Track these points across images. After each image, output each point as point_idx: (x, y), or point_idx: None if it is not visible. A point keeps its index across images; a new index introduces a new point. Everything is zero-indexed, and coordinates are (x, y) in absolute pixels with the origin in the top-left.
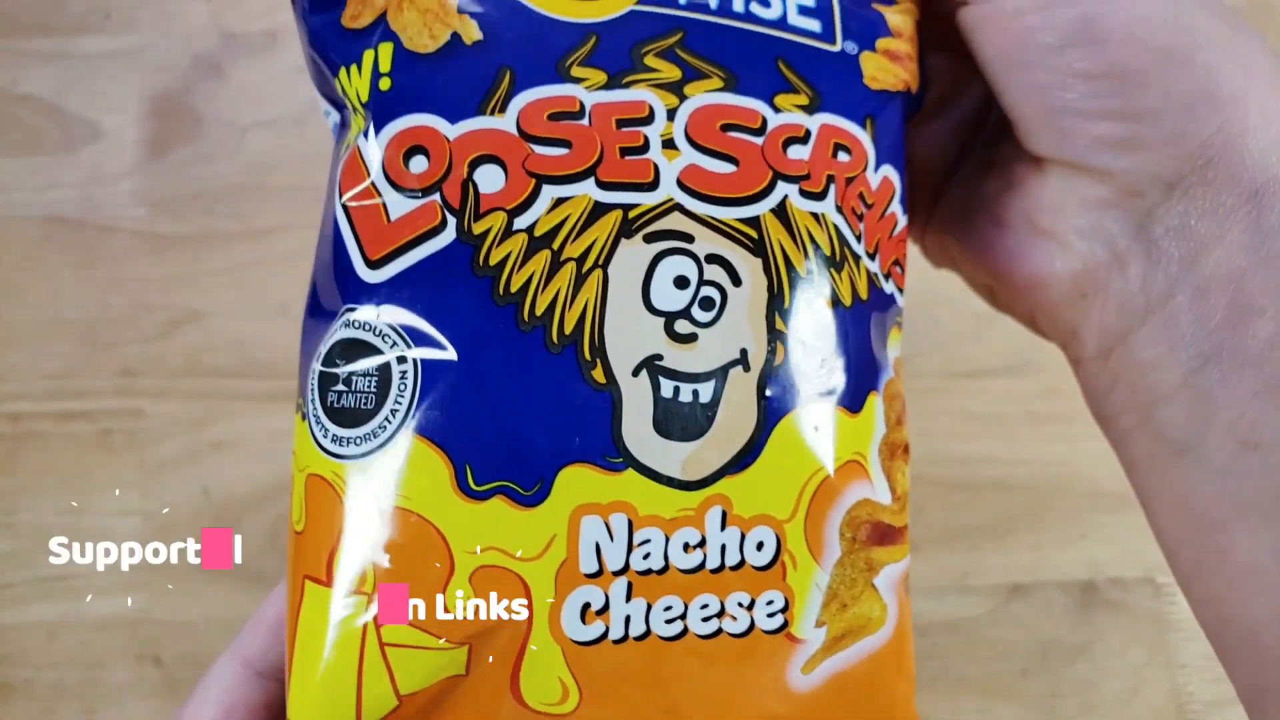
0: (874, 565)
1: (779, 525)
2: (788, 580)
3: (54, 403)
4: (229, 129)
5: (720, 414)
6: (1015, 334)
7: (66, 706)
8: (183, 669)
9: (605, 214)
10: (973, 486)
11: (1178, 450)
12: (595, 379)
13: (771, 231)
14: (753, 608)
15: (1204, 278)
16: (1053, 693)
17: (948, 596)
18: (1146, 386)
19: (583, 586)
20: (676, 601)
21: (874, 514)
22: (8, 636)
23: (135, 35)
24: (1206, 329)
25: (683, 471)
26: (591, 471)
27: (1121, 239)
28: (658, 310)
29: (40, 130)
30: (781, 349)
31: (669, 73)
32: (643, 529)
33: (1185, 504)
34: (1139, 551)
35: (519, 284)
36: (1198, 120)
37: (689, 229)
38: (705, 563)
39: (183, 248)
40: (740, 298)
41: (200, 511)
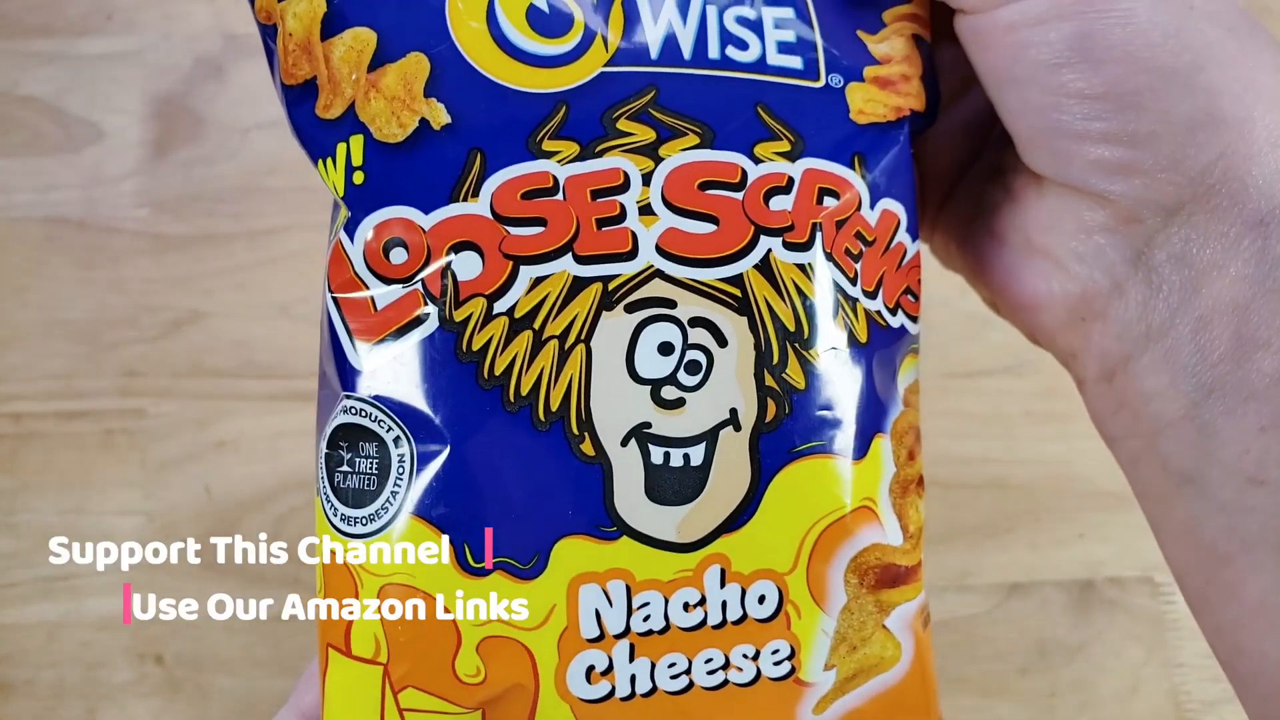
0: (884, 607)
1: (780, 578)
2: (793, 629)
3: (56, 403)
4: (230, 130)
5: (713, 475)
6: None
7: (68, 706)
8: (184, 668)
9: (585, 288)
10: (971, 486)
11: (1182, 481)
12: (584, 452)
13: (756, 288)
14: (758, 658)
15: (1206, 308)
16: (1051, 691)
17: (946, 595)
18: (1149, 415)
19: (585, 651)
20: (680, 658)
21: (883, 557)
22: (9, 636)
23: (137, 37)
24: (1209, 361)
25: (678, 535)
26: (586, 542)
27: (1120, 265)
28: (643, 379)
29: (42, 131)
30: (773, 405)
31: (643, 135)
32: (641, 593)
33: (1192, 535)
34: (1137, 551)
35: (503, 366)
36: (1199, 145)
37: (671, 294)
38: (707, 620)
39: (184, 248)
40: (727, 358)
41: (202, 511)
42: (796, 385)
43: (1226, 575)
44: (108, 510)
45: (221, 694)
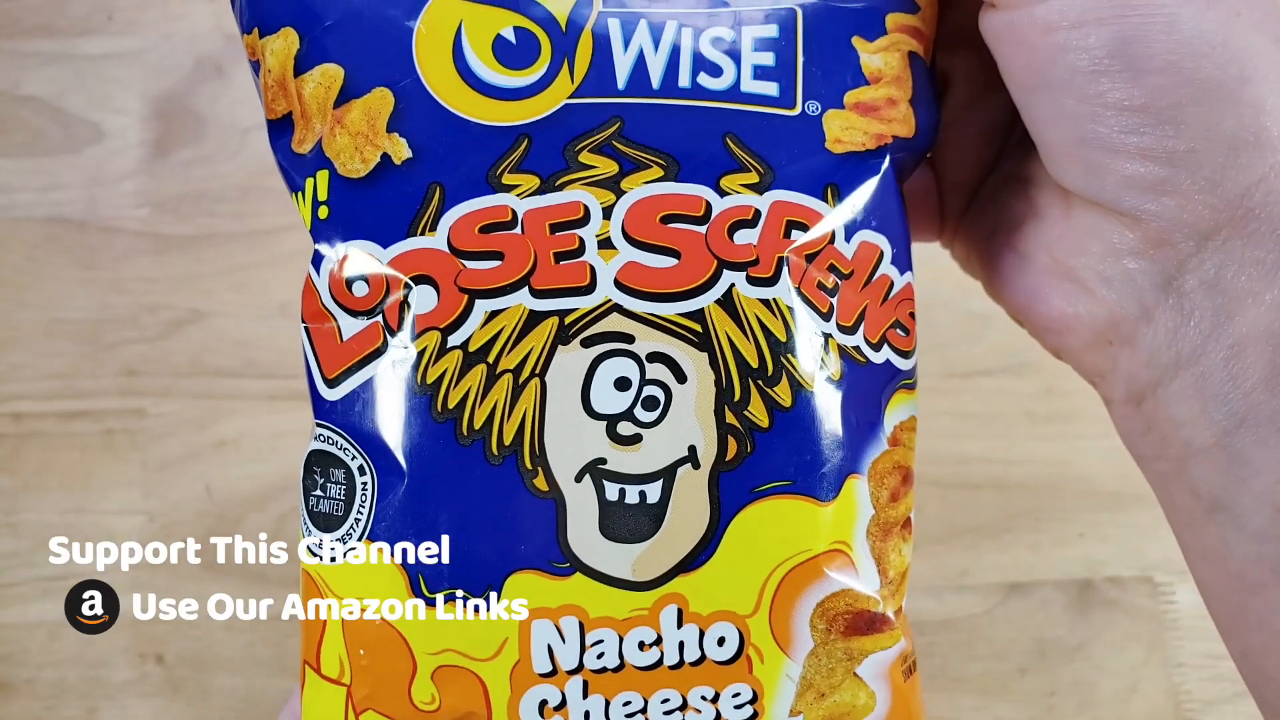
0: (856, 654)
1: (740, 620)
2: (755, 673)
3: (56, 402)
4: (231, 130)
5: (670, 514)
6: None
7: (68, 705)
8: (184, 668)
9: (540, 322)
10: (970, 486)
11: (1212, 508)
12: (537, 487)
13: (717, 323)
14: (718, 700)
15: (1239, 336)
16: (1050, 691)
17: (946, 595)
18: (1179, 441)
19: (537, 685)
20: (635, 697)
21: (855, 604)
22: (10, 635)
23: (138, 37)
24: (1242, 390)
25: (633, 573)
26: (539, 577)
27: (1149, 291)
28: (599, 414)
29: (43, 131)
30: (734, 443)
31: (605, 168)
32: (594, 630)
33: (1221, 560)
34: (1136, 550)
35: (456, 400)
36: (1239, 166)
37: (629, 329)
38: (663, 660)
39: (185, 248)
40: (686, 394)
41: (202, 511)
42: (759, 424)
43: (1256, 603)
44: (108, 510)
45: (222, 693)
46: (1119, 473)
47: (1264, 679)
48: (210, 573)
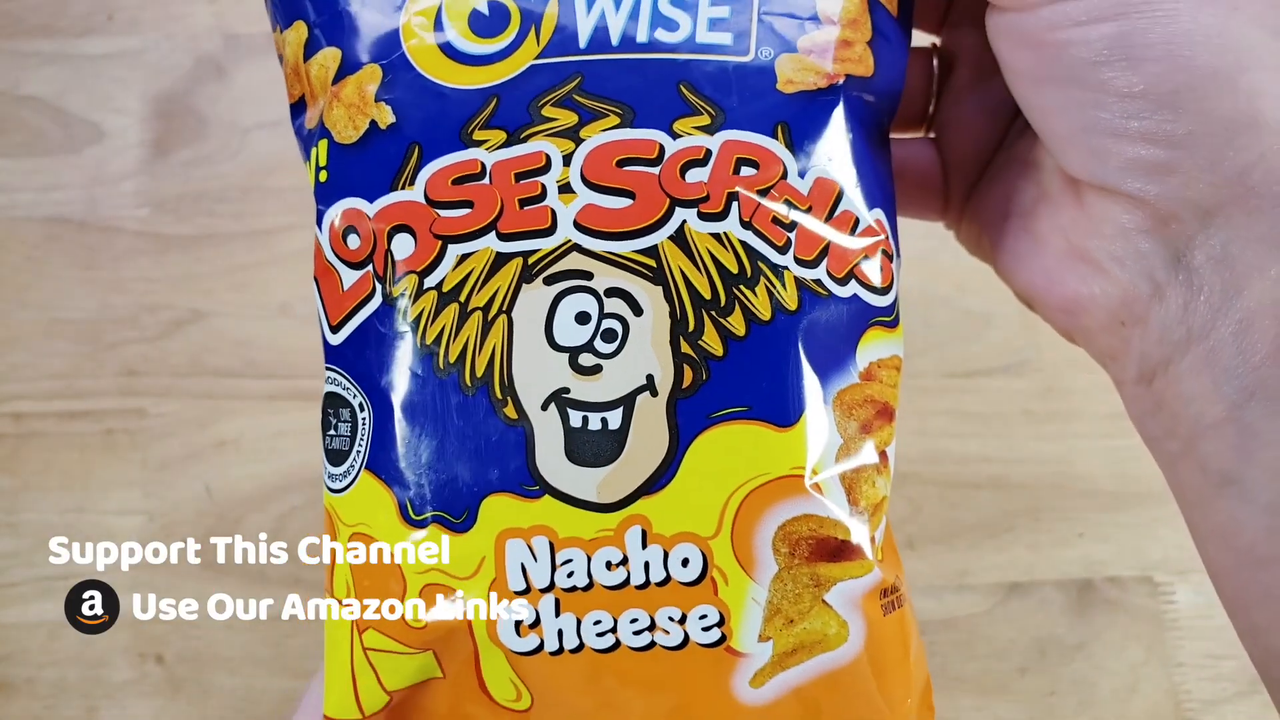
0: (821, 581)
1: (703, 542)
2: (720, 595)
3: (57, 402)
4: (231, 130)
5: (631, 439)
6: (1012, 334)
7: (68, 705)
8: (184, 667)
9: (506, 263)
10: (970, 485)
11: (1222, 483)
12: (508, 415)
13: (670, 258)
14: (685, 621)
15: (1248, 310)
16: (1050, 691)
17: (945, 595)
18: (1189, 417)
19: (515, 602)
20: (605, 616)
21: (818, 529)
22: (10, 635)
23: (138, 37)
24: (1251, 364)
25: (598, 495)
26: (511, 500)
27: (1160, 268)
28: (561, 346)
29: (43, 131)
30: (690, 372)
31: (565, 120)
32: (564, 549)
33: (1231, 537)
34: (1136, 550)
35: (433, 336)
36: (1237, 147)
37: (588, 267)
38: (630, 579)
39: (185, 248)
40: (643, 326)
41: (202, 511)
42: (714, 352)
43: (1265, 578)
44: (108, 510)
45: (222, 693)
46: (1119, 473)
47: (1271, 655)
48: (210, 573)
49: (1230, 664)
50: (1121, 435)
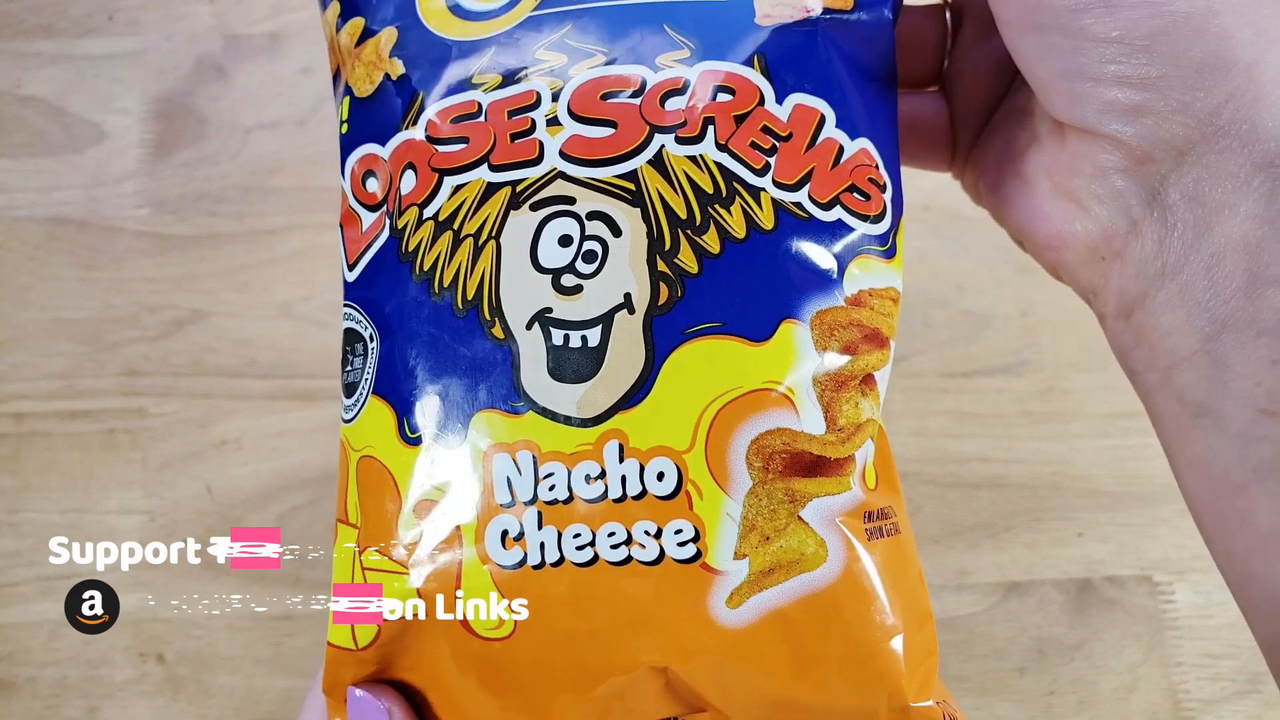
0: (796, 497)
1: (678, 456)
2: (695, 510)
3: (58, 402)
4: (232, 130)
5: (609, 355)
6: (1011, 333)
7: (69, 704)
8: (185, 666)
9: (496, 192)
10: (969, 485)
11: (1197, 413)
12: (495, 335)
13: (649, 182)
14: (660, 536)
15: (1218, 245)
16: (1049, 690)
17: (945, 594)
18: (1165, 350)
19: (499, 515)
20: (585, 530)
21: (791, 443)
22: (11, 635)
23: (139, 37)
24: (1221, 297)
25: (578, 410)
26: (498, 416)
27: (1136, 206)
28: (545, 268)
29: (44, 132)
30: (665, 289)
31: (556, 61)
32: (546, 463)
33: (1206, 465)
34: (1135, 550)
35: (429, 263)
36: (1207, 88)
37: (571, 192)
38: (608, 493)
39: (186, 248)
40: (621, 247)
41: (203, 511)
42: (689, 270)
43: (1239, 503)
44: (109, 509)
45: (223, 692)
46: (1118, 472)
47: (1247, 578)
48: (210, 572)
49: (1229, 663)
50: (1121, 435)
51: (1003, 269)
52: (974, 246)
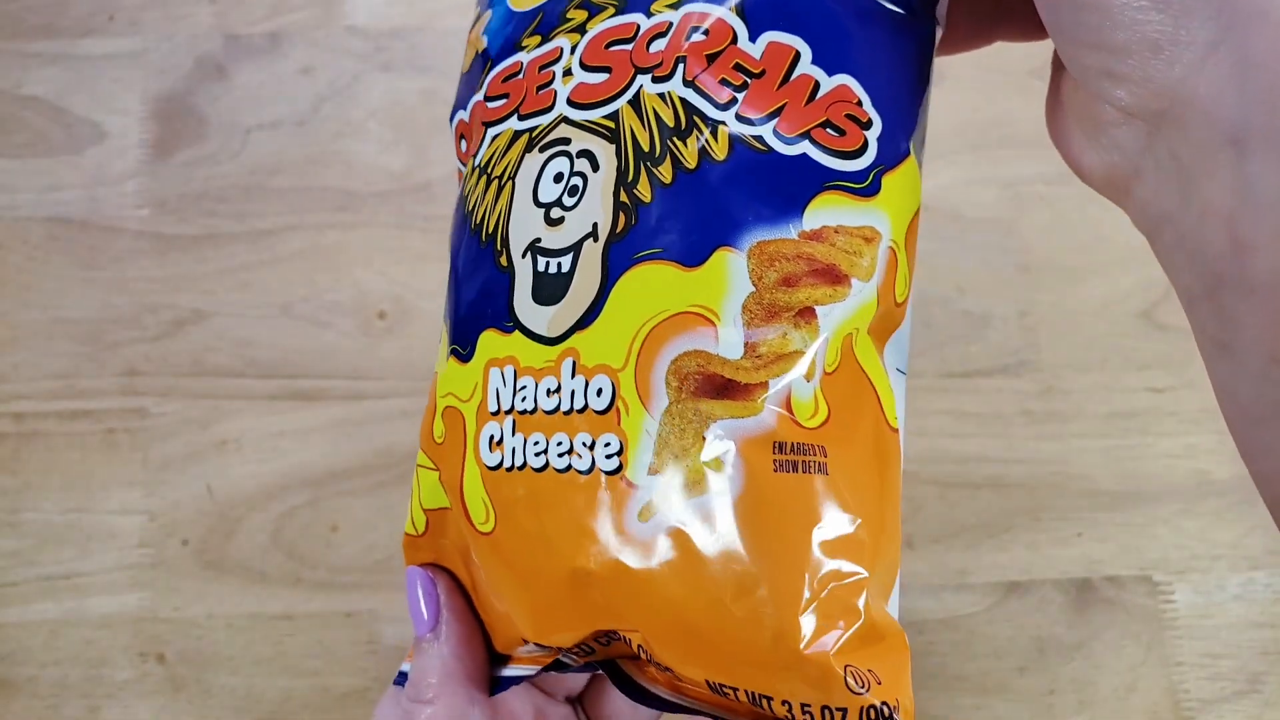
0: (704, 417)
1: (614, 373)
2: (622, 425)
3: (58, 402)
4: (232, 130)
5: (575, 280)
6: (1011, 334)
7: (70, 704)
8: (186, 666)
9: (520, 138)
10: (969, 485)
11: (1217, 347)
12: (501, 264)
13: (626, 119)
14: (594, 448)
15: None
16: (1049, 690)
17: (944, 594)
18: (1182, 286)
19: (490, 421)
20: (541, 438)
21: (704, 365)
22: (12, 635)
23: (139, 37)
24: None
25: (548, 330)
26: (497, 334)
27: (1135, 154)
28: (540, 203)
29: (44, 132)
30: (624, 218)
31: (579, 17)
32: (522, 377)
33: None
34: (1135, 550)
35: (472, 204)
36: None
37: (569, 134)
38: (560, 405)
39: (186, 248)
40: (597, 180)
41: (203, 511)
42: (643, 199)
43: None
44: (109, 509)
45: (223, 692)
46: (1118, 472)
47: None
48: (210, 573)
49: (1229, 663)
50: (1121, 435)
51: (1003, 269)
52: (974, 246)
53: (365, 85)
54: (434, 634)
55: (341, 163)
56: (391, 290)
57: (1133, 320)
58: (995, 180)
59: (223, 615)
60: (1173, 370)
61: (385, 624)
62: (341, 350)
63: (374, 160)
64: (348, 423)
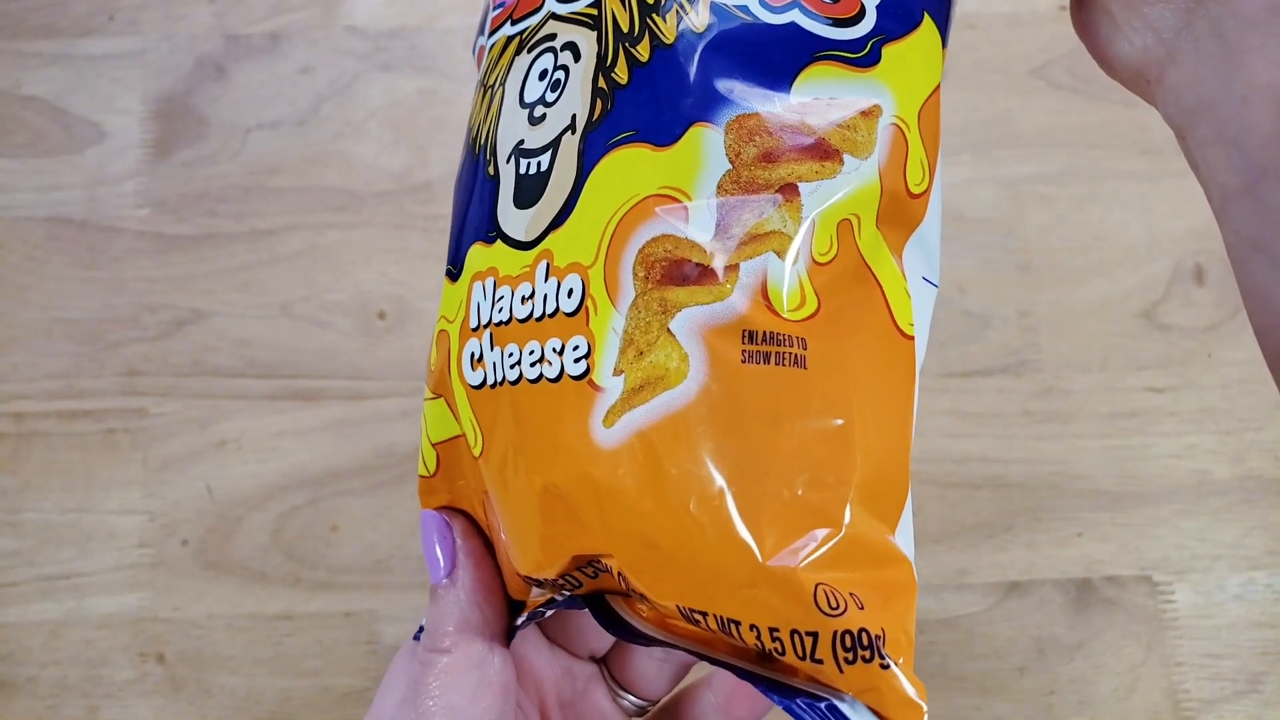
0: (668, 306)
1: (584, 271)
2: (590, 325)
3: (58, 402)
4: (232, 130)
5: (552, 178)
6: (1011, 334)
7: (69, 704)
8: (185, 667)
9: (510, 43)
10: (969, 485)
11: (1254, 248)
12: (489, 173)
13: (608, 5)
14: (563, 353)
15: (1247, 87)
16: (1049, 690)
17: (945, 594)
18: (1215, 185)
19: (471, 339)
20: (515, 349)
21: (673, 250)
22: (11, 635)
23: (138, 37)
24: (1257, 142)
25: (525, 234)
26: (481, 247)
27: (1170, 34)
28: (526, 103)
29: (44, 131)
30: (600, 105)
31: None
32: (501, 287)
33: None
34: (1135, 550)
35: (471, 119)
36: None
37: (555, 29)
38: (533, 312)
39: (186, 248)
40: (578, 70)
41: (203, 511)
42: (620, 81)
43: None
44: (109, 509)
45: (223, 692)
46: (1118, 472)
47: None
48: (210, 572)
49: (1229, 663)
50: (1121, 435)
51: (1003, 269)
52: (974, 246)
53: (365, 85)
54: (450, 580)
55: (341, 163)
56: (391, 290)
57: (1133, 320)
58: (995, 180)
59: (222, 615)
60: (1173, 370)
61: (385, 624)
62: (341, 350)
63: (374, 160)
64: (347, 423)
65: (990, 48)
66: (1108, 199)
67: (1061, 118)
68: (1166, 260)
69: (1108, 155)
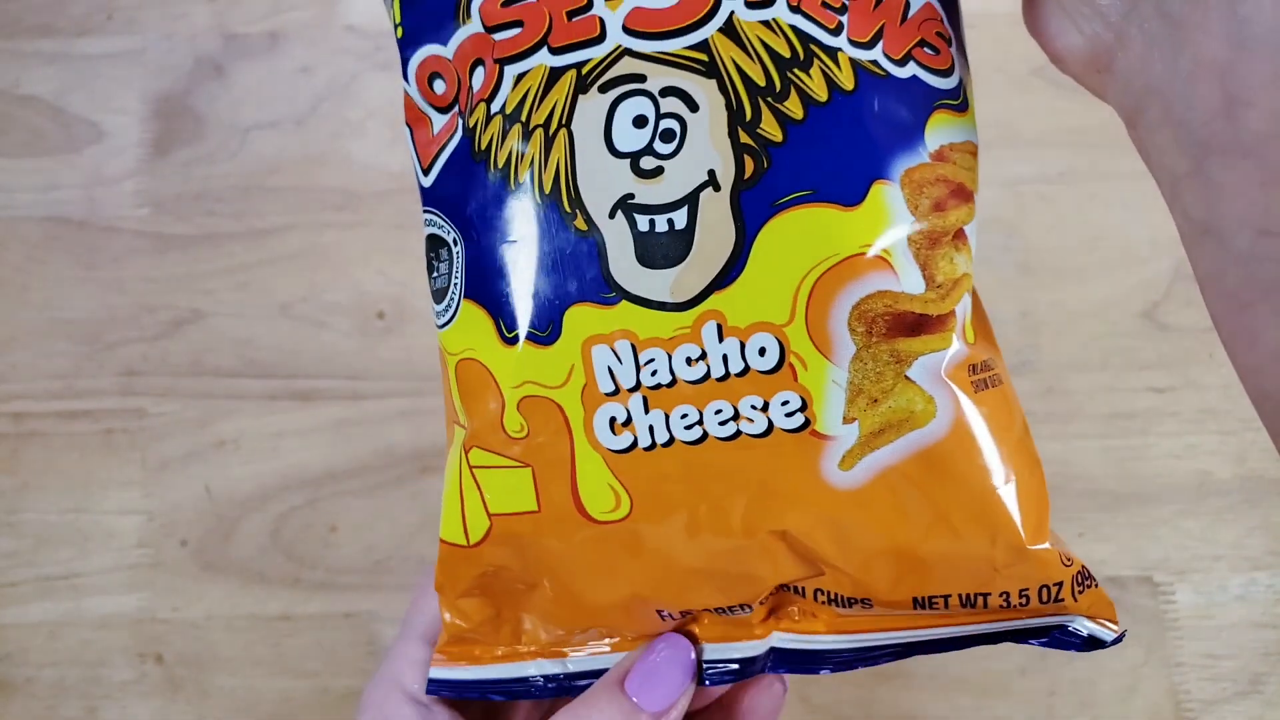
0: (902, 357)
1: (778, 330)
2: (800, 381)
3: (56, 402)
4: (231, 130)
5: (698, 236)
6: (1012, 334)
7: (68, 705)
8: (184, 667)
9: (560, 77)
10: None
11: (1202, 232)
12: (578, 227)
13: (722, 50)
14: (768, 409)
15: (1193, 63)
16: (1050, 691)
17: None
18: (1165, 168)
19: (605, 404)
20: (691, 410)
21: (893, 305)
22: (10, 635)
23: (137, 36)
24: (1201, 118)
25: (671, 295)
26: (591, 309)
27: (1117, 20)
28: (621, 153)
29: (42, 131)
30: (751, 161)
31: None
32: (645, 350)
33: (1217, 282)
34: (1136, 550)
35: (503, 159)
36: None
37: (640, 70)
38: (710, 373)
39: (185, 248)
40: (700, 122)
41: (202, 511)
42: (773, 139)
43: (1247, 321)
44: (108, 509)
45: (222, 693)
46: (1119, 473)
47: (1262, 396)
48: (209, 573)
49: (1230, 664)
50: (1121, 435)
51: (1003, 269)
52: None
53: (364, 84)
54: None
55: (341, 162)
56: (390, 290)
57: (1133, 320)
58: (995, 180)
59: (221, 616)
60: (1173, 370)
61: (384, 624)
62: (340, 350)
63: (373, 160)
64: (346, 423)
65: (990, 47)
66: (1108, 199)
67: (1062, 118)
68: (1167, 260)
69: (1108, 155)
